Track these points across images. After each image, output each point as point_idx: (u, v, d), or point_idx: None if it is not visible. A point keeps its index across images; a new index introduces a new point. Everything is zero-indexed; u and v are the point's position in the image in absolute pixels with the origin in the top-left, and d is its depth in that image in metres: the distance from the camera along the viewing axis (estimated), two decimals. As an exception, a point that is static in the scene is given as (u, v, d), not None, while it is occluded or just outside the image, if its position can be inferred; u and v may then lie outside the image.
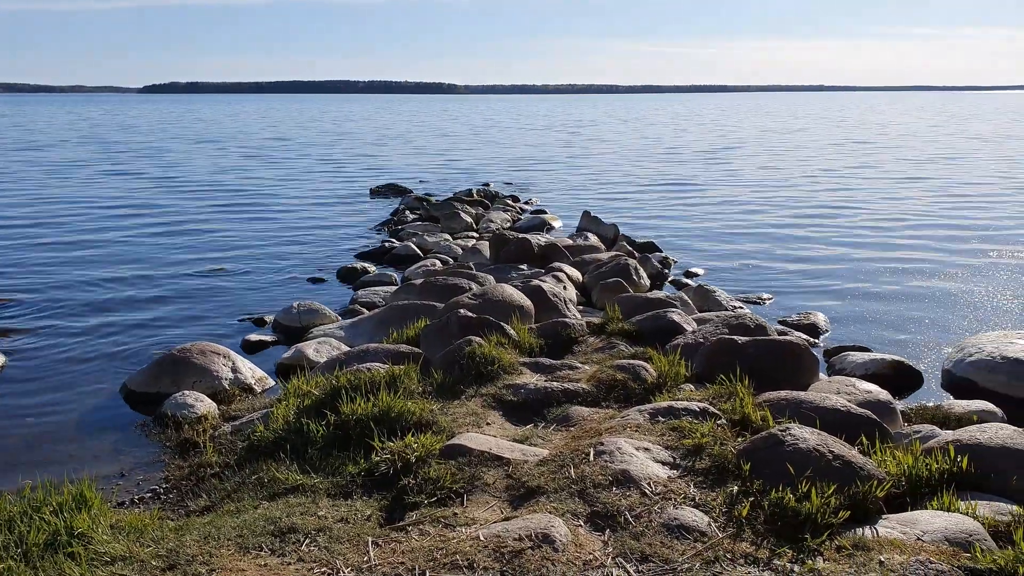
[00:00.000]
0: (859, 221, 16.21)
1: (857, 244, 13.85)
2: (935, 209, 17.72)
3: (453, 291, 8.66)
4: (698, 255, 13.10)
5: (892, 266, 12.12)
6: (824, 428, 4.63)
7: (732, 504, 3.89)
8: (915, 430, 5.50)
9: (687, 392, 5.71)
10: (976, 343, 7.60)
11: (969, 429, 5.04)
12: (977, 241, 13.94)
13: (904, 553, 3.46)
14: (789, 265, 12.34)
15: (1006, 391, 6.89)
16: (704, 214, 17.54)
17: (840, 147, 36.88)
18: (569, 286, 9.64)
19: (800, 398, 5.19)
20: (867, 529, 3.74)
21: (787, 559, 3.45)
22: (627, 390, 5.71)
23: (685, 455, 4.47)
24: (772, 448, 4.22)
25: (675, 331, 7.27)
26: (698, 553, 3.49)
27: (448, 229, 15.14)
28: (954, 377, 7.38)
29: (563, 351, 6.96)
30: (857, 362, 7.43)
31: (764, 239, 14.45)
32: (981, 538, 3.72)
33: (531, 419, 5.38)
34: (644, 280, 10.36)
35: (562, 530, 3.63)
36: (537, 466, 4.38)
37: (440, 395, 5.67)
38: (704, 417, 4.98)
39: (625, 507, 3.87)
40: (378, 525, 3.96)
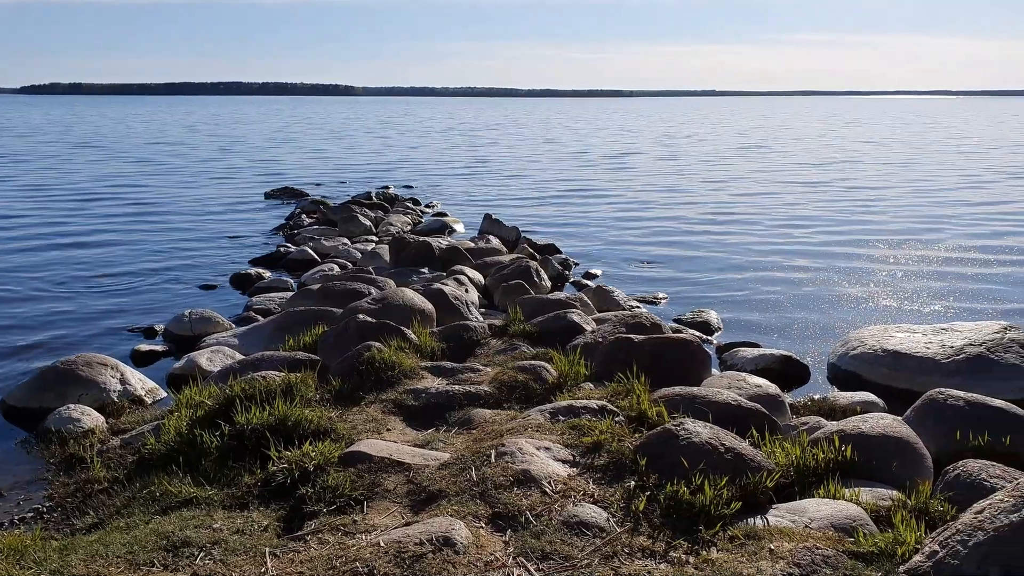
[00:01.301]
0: (751, 223, 16.77)
1: (749, 245, 14.33)
2: (823, 211, 18.49)
3: (352, 296, 8.56)
4: (598, 256, 13.32)
5: (781, 265, 12.58)
6: (717, 422, 4.78)
7: (630, 499, 3.97)
8: (803, 422, 5.72)
9: (587, 391, 5.80)
10: (858, 337, 7.95)
11: (852, 420, 5.27)
12: (860, 241, 14.61)
13: (793, 540, 3.60)
14: (684, 265, 12.67)
15: (887, 382, 7.24)
16: (604, 216, 17.84)
17: (736, 151, 38.10)
18: (471, 289, 9.66)
19: (694, 393, 5.33)
20: (758, 518, 3.87)
21: (682, 551, 3.54)
22: (529, 391, 5.76)
23: (585, 453, 4.53)
24: (667, 443, 4.32)
25: (575, 331, 7.37)
26: (597, 549, 3.55)
27: (346, 233, 14.94)
28: (839, 370, 7.71)
29: (465, 354, 6.97)
30: (747, 357, 7.68)
31: (661, 240, 14.80)
32: (864, 523, 3.90)
33: (432, 423, 5.36)
34: (545, 281, 10.47)
35: (463, 532, 3.63)
36: (438, 470, 4.37)
37: (339, 402, 5.60)
38: (603, 415, 5.07)
39: (526, 507, 3.90)
40: (276, 535, 3.88)
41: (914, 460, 4.90)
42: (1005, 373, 6.98)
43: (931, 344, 7.45)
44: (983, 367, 7.04)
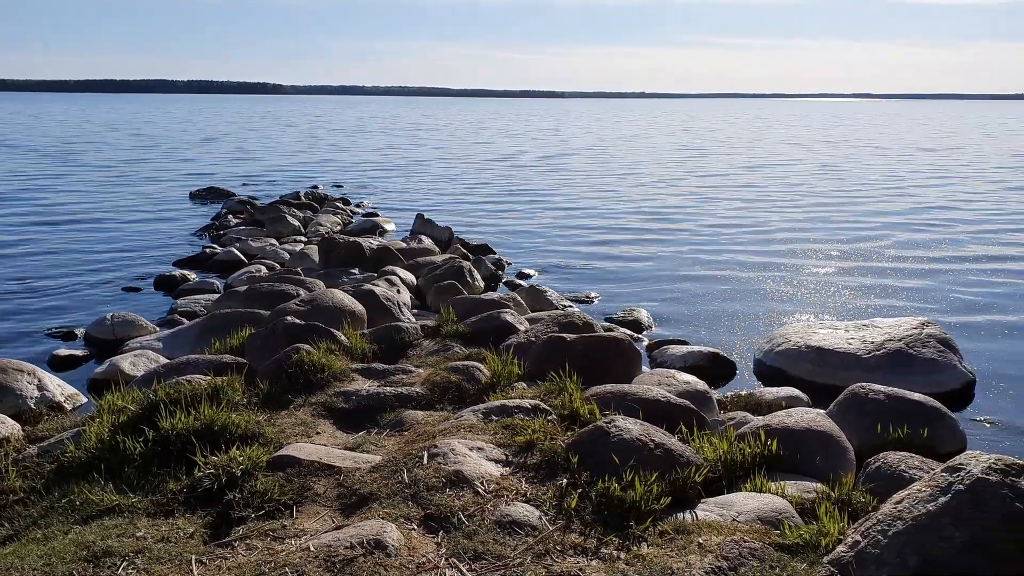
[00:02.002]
0: (681, 223, 17.03)
1: (679, 245, 14.55)
2: (751, 212, 18.88)
3: (280, 297, 8.41)
4: (531, 256, 13.37)
5: (710, 265, 12.81)
6: (647, 419, 4.83)
7: (562, 497, 3.99)
8: (730, 417, 5.83)
9: (520, 390, 5.80)
10: (783, 334, 8.15)
11: (778, 414, 5.39)
12: (785, 241, 14.96)
13: (721, 534, 3.66)
14: (616, 265, 12.80)
15: (811, 377, 7.42)
16: (538, 216, 17.91)
17: (667, 152, 38.65)
18: (403, 289, 9.59)
19: (625, 391, 5.38)
20: (687, 513, 3.92)
21: (614, 547, 3.57)
22: (461, 391, 5.74)
23: (517, 452, 4.53)
24: (599, 440, 4.35)
25: (508, 331, 7.38)
26: (529, 547, 3.55)
27: (274, 233, 14.70)
28: (764, 366, 7.88)
29: (397, 355, 6.91)
30: (677, 355, 7.80)
31: (594, 240, 14.93)
32: (789, 515, 3.99)
33: (364, 426, 5.30)
34: (478, 282, 10.46)
35: (395, 535, 3.59)
36: (369, 473, 4.32)
37: (267, 406, 5.49)
38: (536, 414, 5.07)
39: (459, 507, 3.88)
40: (202, 543, 3.79)
41: (837, 453, 5.04)
42: (923, 367, 7.23)
43: (853, 340, 7.66)
44: (902, 362, 7.28)
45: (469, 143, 44.75)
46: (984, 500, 3.29)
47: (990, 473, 3.38)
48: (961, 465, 3.48)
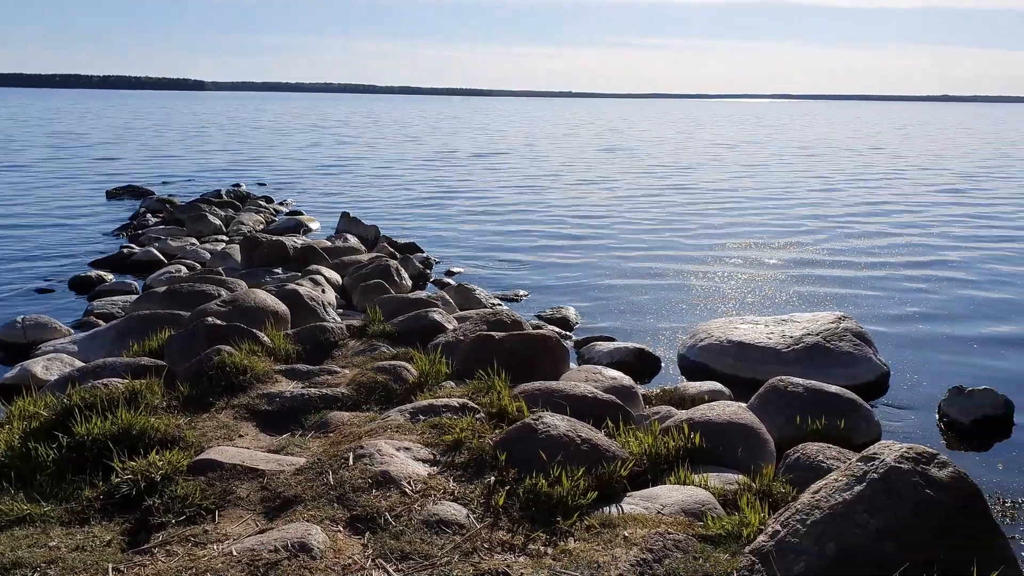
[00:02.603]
0: (608, 222, 17.21)
1: (606, 243, 14.70)
2: (676, 210, 19.19)
3: (200, 298, 8.21)
4: (460, 255, 13.33)
5: (636, 262, 12.98)
6: (574, 415, 4.87)
7: (490, 494, 3.99)
8: (655, 411, 5.91)
9: (448, 389, 5.78)
10: (706, 329, 8.30)
11: (701, 408, 5.49)
12: (709, 237, 15.26)
13: (646, 527, 3.71)
14: (545, 263, 12.86)
15: (733, 371, 7.58)
16: (467, 215, 17.88)
17: (595, 151, 38.99)
18: (328, 289, 9.46)
19: (552, 388, 5.42)
20: (613, 507, 3.97)
21: (541, 543, 3.58)
22: (388, 391, 5.69)
23: (445, 451, 4.52)
24: (526, 437, 4.37)
25: (437, 330, 7.35)
26: (457, 546, 3.54)
27: (195, 233, 14.34)
28: (688, 361, 8.02)
29: (322, 356, 6.82)
30: (603, 351, 7.88)
31: (522, 238, 14.97)
32: (712, 507, 4.07)
33: (288, 428, 5.21)
34: (406, 281, 10.39)
35: (320, 537, 3.54)
36: (294, 475, 4.25)
37: (188, 409, 5.36)
38: (464, 412, 5.06)
39: (385, 508, 3.85)
40: (120, 550, 3.67)
41: (758, 445, 5.15)
42: (840, 360, 7.45)
43: (773, 335, 7.85)
44: (820, 355, 7.49)
45: (397, 141, 44.42)
46: (897, 488, 3.40)
47: (902, 462, 3.50)
48: (875, 455, 3.60)
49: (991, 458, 6.01)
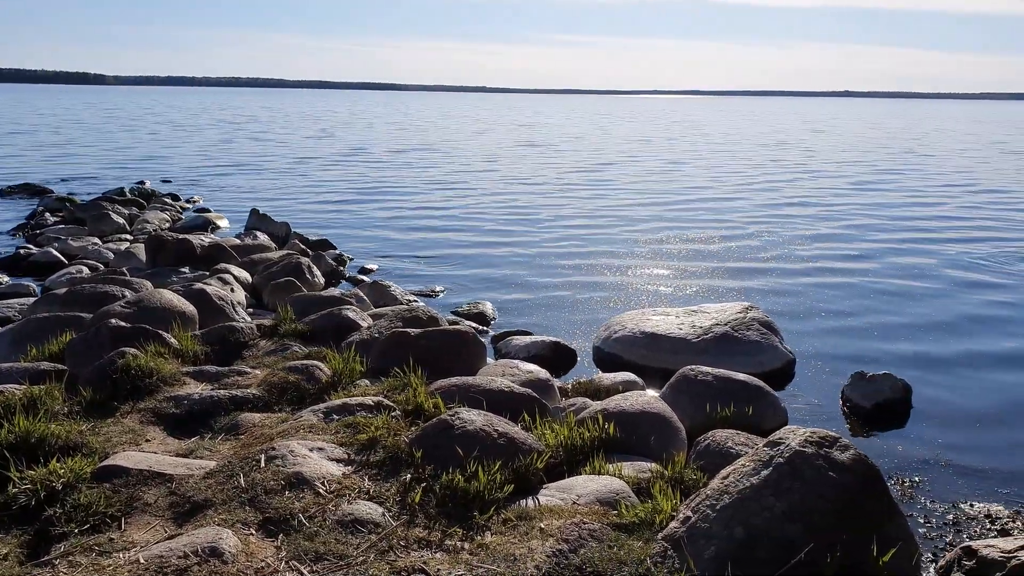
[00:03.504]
0: (525, 217, 17.28)
1: (523, 238, 14.75)
2: (592, 204, 19.38)
3: (103, 300, 7.92)
4: (375, 251, 13.19)
5: (552, 257, 13.06)
6: (491, 409, 4.88)
7: (406, 492, 3.97)
8: (571, 403, 5.97)
9: (362, 388, 5.73)
10: (619, 321, 8.42)
11: (615, 398, 5.57)
12: (623, 232, 15.48)
13: (562, 517, 3.74)
14: (461, 258, 12.84)
15: (645, 362, 7.71)
16: (382, 211, 17.70)
17: (512, 147, 39.07)
18: (237, 288, 9.25)
19: (469, 383, 5.42)
20: (530, 499, 4.00)
21: (458, 538, 3.58)
22: (301, 391, 5.60)
23: (360, 450, 4.48)
24: (442, 433, 4.36)
25: (350, 328, 7.27)
26: (373, 545, 3.51)
27: (97, 232, 13.82)
28: (602, 353, 8.13)
29: (232, 357, 6.66)
30: (520, 345, 7.92)
31: (438, 234, 14.90)
32: (626, 496, 4.13)
33: (197, 431, 5.07)
34: (318, 278, 10.23)
35: (231, 541, 3.47)
36: (204, 479, 4.15)
37: (91, 414, 5.16)
38: (379, 411, 5.02)
39: (299, 509, 3.79)
40: (18, 563, 3.52)
41: (670, 433, 5.26)
42: (748, 349, 7.66)
43: (683, 325, 8.02)
44: (729, 344, 7.68)
45: (308, 137, 43.66)
46: (801, 471, 3.52)
47: (806, 446, 3.62)
48: (781, 439, 3.72)
49: (891, 440, 6.26)
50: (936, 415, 6.68)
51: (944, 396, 7.11)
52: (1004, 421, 6.59)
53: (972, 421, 6.59)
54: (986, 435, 6.31)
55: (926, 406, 6.82)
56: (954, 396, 7.13)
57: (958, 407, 6.88)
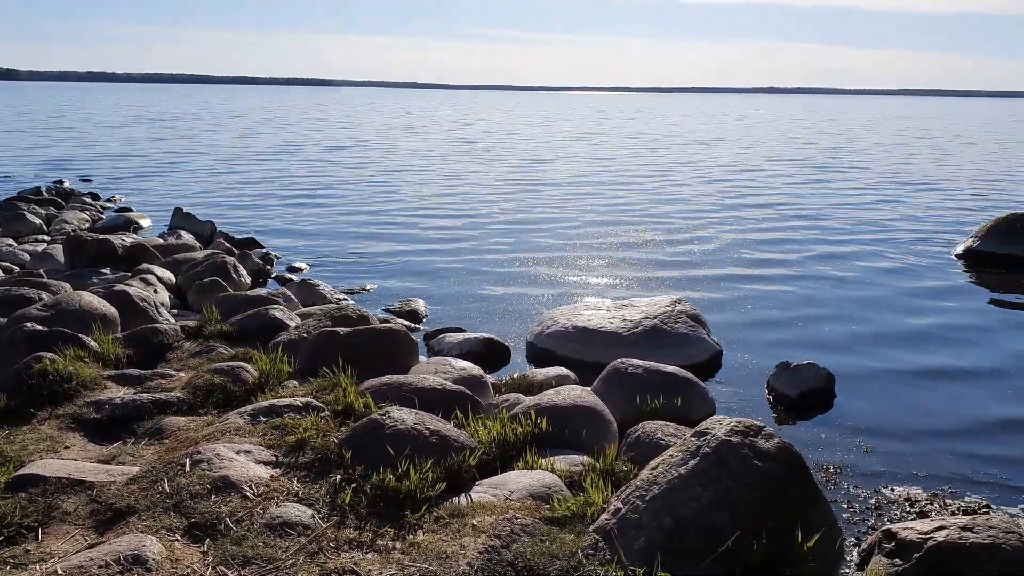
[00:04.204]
0: (456, 214, 17.23)
1: (454, 234, 14.71)
2: (524, 200, 19.42)
3: (18, 303, 7.63)
4: (303, 250, 13.00)
5: (484, 253, 13.05)
6: (423, 407, 4.86)
7: (336, 493, 3.92)
8: (504, 399, 5.97)
9: (291, 389, 5.64)
10: (552, 316, 8.47)
11: (547, 393, 5.59)
12: (555, 227, 15.55)
13: (494, 513, 3.74)
14: (392, 255, 12.73)
15: (578, 356, 7.76)
16: (310, 209, 17.43)
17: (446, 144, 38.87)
18: (161, 289, 9.01)
19: (400, 381, 5.38)
20: (463, 497, 3.99)
21: (389, 538, 3.55)
22: (227, 393, 5.49)
23: (288, 452, 4.41)
24: (373, 432, 4.32)
25: (278, 328, 7.15)
26: (302, 547, 3.46)
27: (12, 233, 13.30)
28: (536, 348, 8.15)
29: (156, 359, 6.49)
30: (453, 342, 7.89)
31: (371, 232, 14.75)
32: (559, 489, 4.15)
33: (119, 436, 4.94)
34: (245, 278, 10.04)
35: (155, 548, 3.38)
36: (126, 485, 4.03)
37: (6, 422, 4.98)
38: (307, 411, 4.95)
39: (226, 513, 3.72)
40: (-74, 581, 3.37)
41: (602, 426, 5.30)
42: (676, 341, 7.77)
43: (614, 319, 8.10)
44: (658, 337, 7.78)
45: (234, 134, 42.79)
46: (727, 460, 3.58)
47: (732, 435, 3.69)
48: (707, 429, 3.78)
49: (815, 428, 6.42)
50: (859, 403, 6.87)
51: (866, 384, 7.32)
52: (923, 407, 6.82)
53: (893, 408, 6.80)
54: (906, 421, 6.52)
55: (849, 394, 7.02)
56: (876, 384, 7.35)
57: (880, 395, 7.09)
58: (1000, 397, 7.07)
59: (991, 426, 6.45)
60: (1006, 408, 6.84)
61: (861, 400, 6.93)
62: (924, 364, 7.89)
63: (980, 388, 7.27)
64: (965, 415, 6.67)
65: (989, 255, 12.46)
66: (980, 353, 8.22)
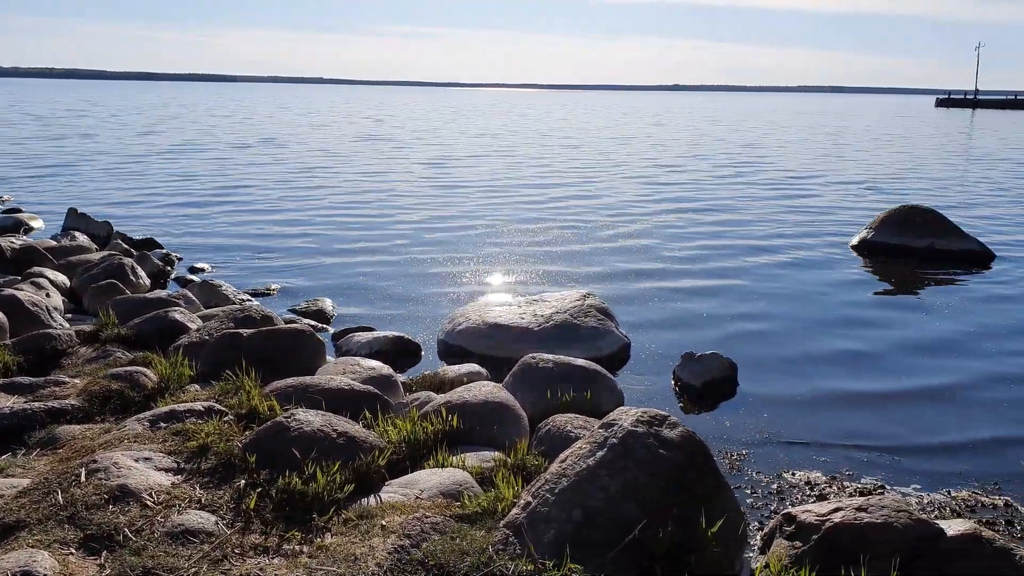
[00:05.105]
0: (363, 211, 17.02)
1: (365, 231, 14.52)
2: (432, 196, 19.33)
3: None
4: (205, 250, 12.63)
5: (393, 251, 12.94)
6: (331, 408, 4.78)
7: (240, 498, 3.83)
8: (414, 398, 5.93)
9: (192, 393, 5.48)
10: (464, 313, 8.45)
11: (458, 390, 5.58)
12: (466, 224, 15.53)
13: (404, 513, 3.71)
14: (298, 254, 12.49)
15: (490, 352, 7.77)
16: (212, 207, 16.95)
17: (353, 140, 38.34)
18: (54, 292, 8.62)
19: (307, 383, 5.28)
20: (372, 498, 3.94)
21: (296, 542, 3.49)
22: (125, 400, 5.30)
23: (190, 458, 4.28)
24: (278, 435, 4.23)
25: (179, 330, 6.94)
26: (205, 555, 3.36)
27: None
28: (448, 345, 8.13)
29: (49, 366, 6.22)
30: (362, 341, 7.80)
31: (275, 231, 14.44)
32: (470, 486, 4.15)
33: (9, 448, 4.71)
34: (144, 280, 9.71)
35: (47, 563, 3.23)
36: (16, 499, 3.84)
37: None
38: (210, 416, 4.82)
39: (124, 523, 3.58)
40: None
41: (513, 421, 5.32)
42: (586, 335, 7.86)
43: (525, 315, 8.14)
44: (568, 331, 7.85)
45: (132, 131, 41.28)
46: (634, 450, 3.64)
47: (638, 425, 3.75)
48: (614, 421, 3.83)
49: (719, 416, 6.59)
50: (761, 390, 7.08)
51: (768, 372, 7.55)
52: (823, 394, 7.07)
53: (793, 394, 7.04)
54: (807, 407, 6.75)
55: (751, 382, 7.22)
56: (778, 372, 7.58)
57: (782, 382, 7.32)
58: (895, 381, 7.39)
59: (887, 410, 6.73)
60: (901, 391, 7.15)
61: (763, 388, 7.14)
62: (823, 351, 8.18)
63: (877, 373, 7.58)
64: (863, 400, 6.94)
65: (883, 245, 13.01)
66: (876, 339, 8.57)
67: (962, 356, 8.10)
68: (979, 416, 6.61)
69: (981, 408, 6.79)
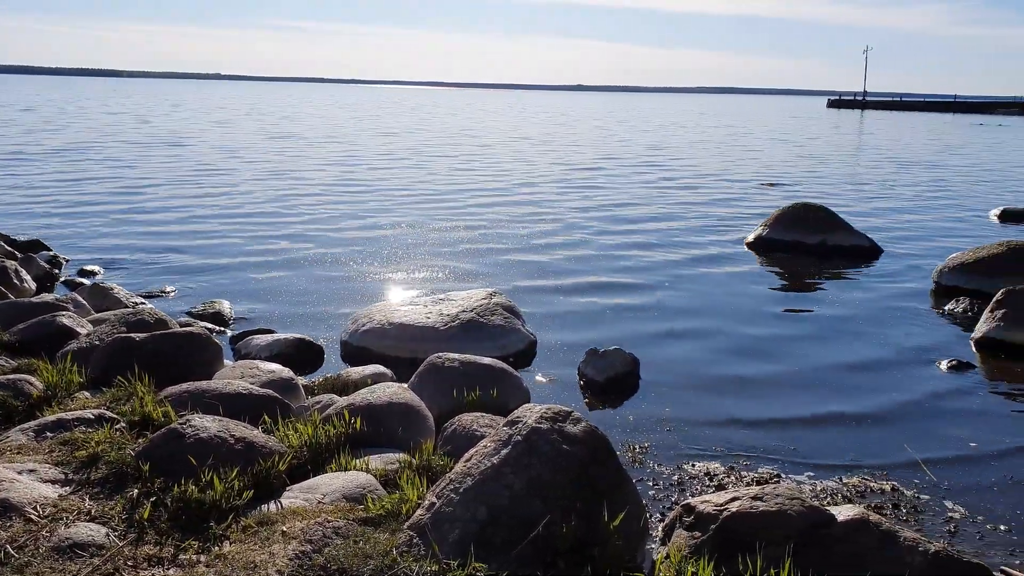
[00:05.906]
0: (263, 211, 16.64)
1: (262, 233, 14.20)
2: (335, 196, 19.03)
3: None
4: (96, 252, 12.12)
5: (294, 252, 12.69)
6: (228, 414, 4.65)
7: (133, 509, 3.68)
8: (316, 401, 5.82)
9: (82, 400, 5.25)
10: (367, 314, 8.35)
11: (361, 392, 5.50)
12: (369, 223, 15.36)
13: (305, 518, 3.64)
14: (195, 256, 12.13)
15: (395, 353, 7.70)
16: (103, 207, 16.28)
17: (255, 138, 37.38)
18: (-72, 299, 8.14)
19: (203, 388, 5.13)
20: (272, 503, 3.85)
21: (193, 551, 3.37)
22: (8, 409, 5.03)
23: (79, 468, 4.09)
24: (173, 443, 4.09)
25: (67, 336, 6.64)
26: (96, 568, 3.22)
27: None
28: (351, 347, 8.02)
29: (-78, 376, 5.85)
30: (261, 344, 7.62)
31: (171, 232, 13.98)
32: (373, 489, 4.09)
33: None
34: (29, 283, 9.26)
35: (-81, 587, 3.04)
36: None
37: None
38: (101, 424, 4.62)
39: (6, 540, 3.40)
40: None
41: (418, 422, 5.28)
42: (492, 333, 7.88)
43: (431, 314, 8.10)
44: (474, 330, 7.86)
45: (17, 128, 39.29)
46: (538, 446, 3.65)
47: (542, 422, 3.77)
48: (519, 418, 3.84)
49: (623, 410, 6.71)
50: (662, 384, 7.24)
51: (669, 366, 7.72)
52: (722, 386, 7.27)
53: (693, 387, 7.22)
54: (706, 400, 6.93)
55: (653, 377, 7.37)
56: (678, 366, 7.76)
57: (682, 376, 7.50)
58: (791, 373, 7.66)
59: (784, 400, 6.98)
60: (797, 382, 7.42)
61: (665, 382, 7.31)
62: (721, 345, 8.42)
63: (772, 365, 7.85)
64: (760, 391, 7.18)
65: (777, 242, 13.47)
66: (770, 333, 8.88)
67: (852, 345, 8.47)
68: (868, 403, 6.92)
69: (870, 395, 7.11)
